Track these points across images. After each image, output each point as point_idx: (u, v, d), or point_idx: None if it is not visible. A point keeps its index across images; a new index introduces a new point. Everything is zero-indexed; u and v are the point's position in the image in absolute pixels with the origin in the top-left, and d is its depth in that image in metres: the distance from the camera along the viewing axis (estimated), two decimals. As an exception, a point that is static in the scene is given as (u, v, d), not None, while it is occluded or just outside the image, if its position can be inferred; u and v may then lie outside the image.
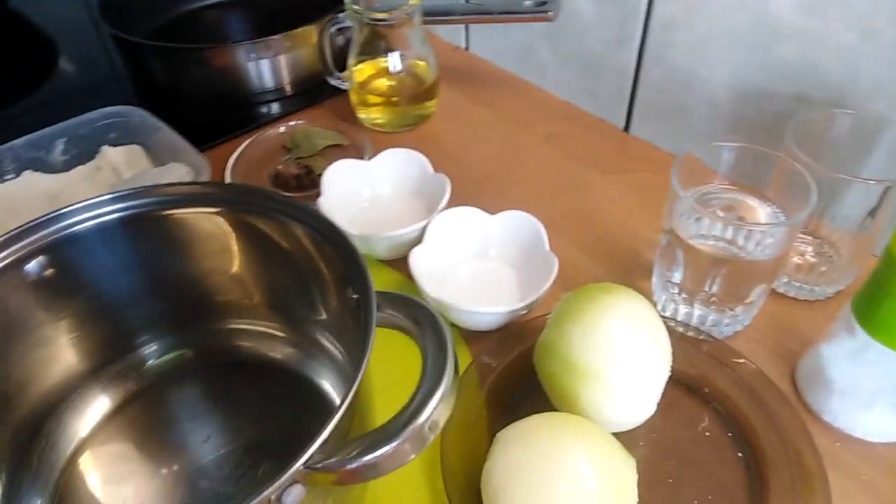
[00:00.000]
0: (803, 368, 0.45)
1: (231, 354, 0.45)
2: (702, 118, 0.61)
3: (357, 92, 0.68)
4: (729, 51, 0.56)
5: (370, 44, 0.65)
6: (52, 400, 0.40)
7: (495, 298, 0.50)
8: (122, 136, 0.62)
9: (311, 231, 0.37)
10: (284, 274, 0.40)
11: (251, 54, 0.70)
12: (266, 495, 0.25)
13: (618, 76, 0.66)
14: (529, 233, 0.52)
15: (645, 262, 0.54)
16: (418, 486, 0.40)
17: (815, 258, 0.49)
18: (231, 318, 0.44)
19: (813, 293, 0.50)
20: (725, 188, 0.47)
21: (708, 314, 0.47)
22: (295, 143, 0.66)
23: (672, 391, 0.42)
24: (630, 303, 0.40)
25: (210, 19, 0.86)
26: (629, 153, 0.66)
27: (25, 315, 0.38)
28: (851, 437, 0.42)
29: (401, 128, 0.69)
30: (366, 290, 0.32)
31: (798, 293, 0.50)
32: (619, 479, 0.36)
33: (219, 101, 0.74)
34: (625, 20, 0.62)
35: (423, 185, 0.58)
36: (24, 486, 0.38)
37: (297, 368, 0.44)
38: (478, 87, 0.75)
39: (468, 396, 0.44)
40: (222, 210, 0.39)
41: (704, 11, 0.56)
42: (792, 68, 0.53)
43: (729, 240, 0.43)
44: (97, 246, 0.39)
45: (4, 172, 0.59)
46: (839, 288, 0.50)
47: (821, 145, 0.46)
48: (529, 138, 0.68)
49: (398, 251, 0.53)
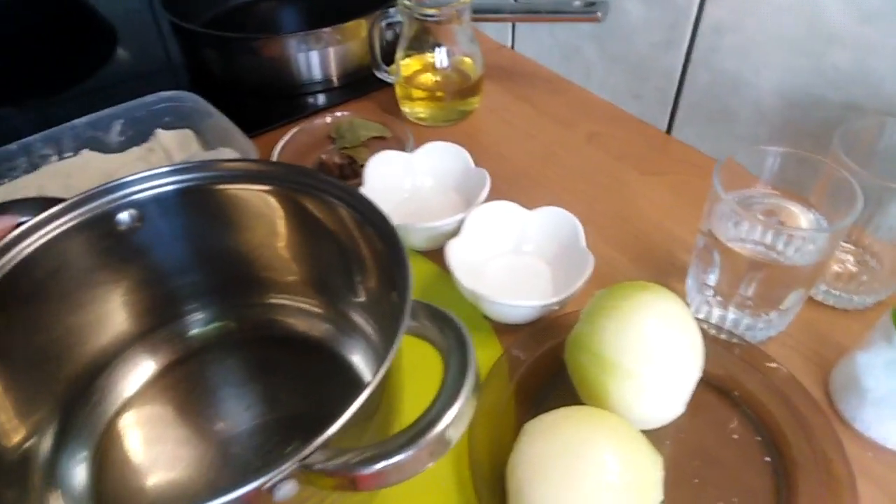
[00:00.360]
0: (838, 376, 0.44)
1: (272, 328, 0.47)
2: (746, 123, 0.60)
3: (403, 86, 0.69)
4: (779, 55, 0.55)
5: (418, 39, 0.66)
6: (103, 360, 0.43)
7: (529, 293, 0.51)
8: (175, 120, 0.65)
9: (357, 214, 0.38)
10: (327, 254, 0.42)
11: (302, 46, 0.72)
12: (256, 486, 0.25)
13: (663, 79, 0.65)
14: (566, 230, 0.52)
15: (681, 263, 0.54)
16: (445, 475, 0.41)
17: (856, 267, 0.48)
18: (273, 293, 0.46)
19: (851, 302, 0.49)
20: (767, 193, 0.46)
21: (742, 318, 0.47)
22: (340, 134, 0.67)
23: (702, 392, 0.42)
24: (665, 302, 0.40)
25: (264, 10, 0.89)
26: (670, 155, 0.66)
27: (88, 274, 0.40)
28: (884, 448, 0.42)
29: (444, 122, 0.70)
30: (404, 294, 0.32)
31: (836, 302, 0.50)
32: (644, 475, 0.36)
33: (268, 90, 0.76)
34: (674, 23, 0.62)
35: (463, 178, 0.59)
36: (71, 438, 0.40)
37: (335, 347, 0.45)
38: (521, 85, 0.76)
39: (497, 388, 0.44)
40: (273, 188, 0.41)
41: (755, 15, 0.55)
42: (844, 75, 0.52)
43: (768, 244, 0.43)
44: (154, 215, 0.41)
45: (64, 150, 0.62)
46: (879, 298, 0.49)
47: (869, 153, 0.45)
48: (570, 137, 0.68)
49: (435, 242, 0.54)
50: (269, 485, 0.26)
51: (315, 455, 0.27)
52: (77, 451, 0.40)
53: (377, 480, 0.27)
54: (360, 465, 0.27)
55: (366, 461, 0.27)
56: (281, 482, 0.26)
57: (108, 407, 0.42)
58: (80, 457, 0.40)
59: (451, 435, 0.28)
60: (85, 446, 0.41)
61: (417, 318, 0.33)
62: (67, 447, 0.40)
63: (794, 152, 0.45)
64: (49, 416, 0.40)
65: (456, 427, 0.28)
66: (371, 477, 0.27)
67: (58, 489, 0.39)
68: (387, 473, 0.27)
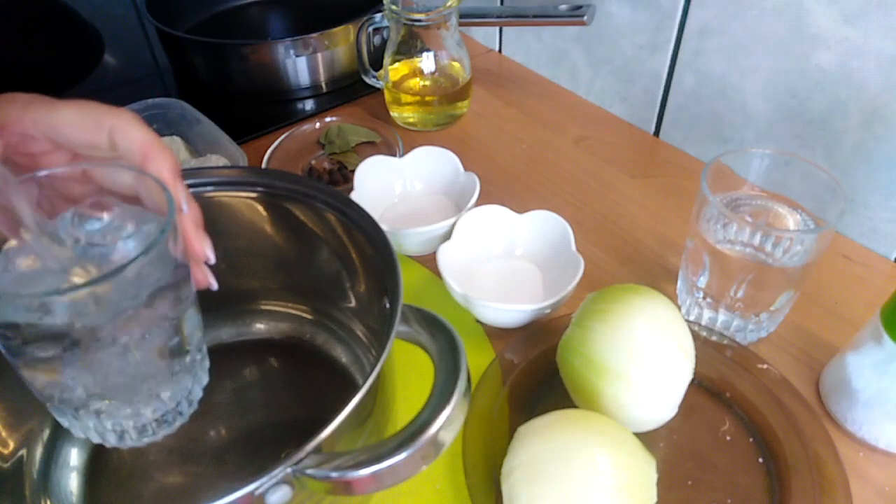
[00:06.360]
0: (828, 377, 0.45)
1: (263, 335, 0.46)
2: (733, 125, 0.61)
3: (391, 91, 0.69)
4: (764, 58, 0.56)
5: (406, 44, 0.66)
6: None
7: (521, 296, 0.51)
8: (163, 127, 0.64)
9: (347, 220, 0.38)
10: (318, 260, 0.41)
11: (290, 51, 0.72)
12: (248, 491, 0.25)
13: (650, 81, 0.66)
14: (556, 233, 0.52)
15: (671, 266, 0.54)
16: (439, 477, 0.41)
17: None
18: (265, 299, 0.46)
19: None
20: (754, 195, 0.47)
21: (732, 319, 0.47)
22: (329, 139, 0.67)
23: (694, 394, 0.42)
24: (655, 304, 0.40)
25: (251, 16, 0.89)
26: (658, 158, 0.66)
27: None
28: (875, 448, 0.42)
29: (433, 127, 0.70)
30: (395, 299, 0.32)
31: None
32: (638, 477, 0.36)
33: (257, 96, 0.76)
34: (660, 26, 0.62)
35: (453, 183, 0.59)
36: (63, 447, 0.40)
37: (327, 352, 0.45)
38: (509, 90, 0.76)
39: (490, 392, 0.44)
40: (262, 195, 0.40)
41: (740, 18, 0.56)
42: (829, 76, 0.52)
43: (756, 246, 0.43)
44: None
45: (50, 159, 0.61)
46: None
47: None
48: (559, 140, 0.68)
49: (427, 247, 0.54)
50: (261, 490, 0.26)
51: (308, 459, 0.27)
52: (69, 460, 0.40)
53: (371, 484, 0.27)
54: (353, 468, 0.27)
55: (359, 465, 0.27)
56: (274, 487, 0.26)
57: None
58: (73, 465, 0.40)
59: (443, 438, 0.28)
60: (77, 455, 0.40)
61: (409, 323, 0.33)
62: (60, 456, 0.40)
63: (780, 154, 0.45)
64: (41, 425, 0.39)
65: (448, 430, 0.28)
66: (364, 480, 0.27)
67: (51, 498, 0.38)
68: (380, 477, 0.27)
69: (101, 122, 0.30)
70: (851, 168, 0.53)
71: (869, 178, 0.53)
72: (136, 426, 0.30)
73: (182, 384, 0.31)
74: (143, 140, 0.30)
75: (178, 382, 0.31)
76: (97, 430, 0.30)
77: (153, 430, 0.31)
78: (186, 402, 0.32)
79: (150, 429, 0.31)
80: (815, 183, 0.44)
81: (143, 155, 0.30)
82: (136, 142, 0.30)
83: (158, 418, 0.31)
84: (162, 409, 0.30)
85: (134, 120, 0.31)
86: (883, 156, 0.51)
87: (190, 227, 0.31)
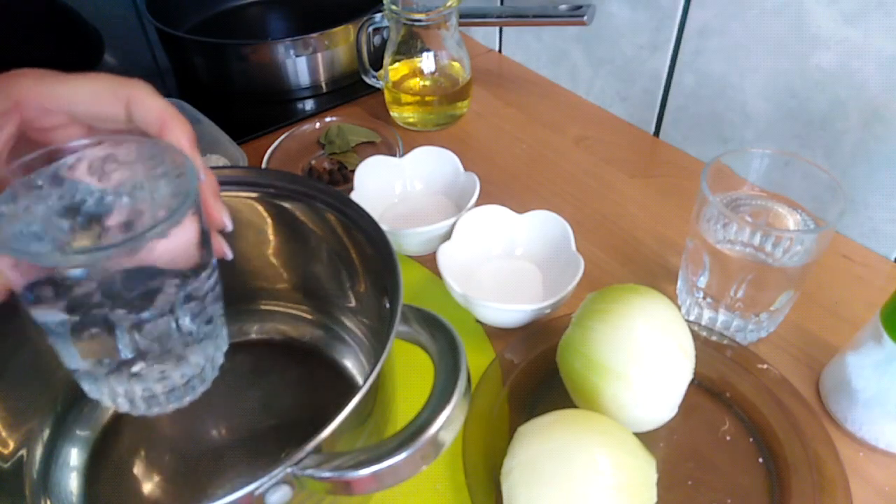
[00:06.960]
0: (828, 377, 0.45)
1: (263, 335, 0.46)
2: (733, 125, 0.61)
3: (391, 90, 0.69)
4: (764, 58, 0.56)
5: (406, 44, 0.66)
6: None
7: (521, 296, 0.51)
8: (163, 127, 0.64)
9: (347, 220, 0.38)
10: (318, 260, 0.41)
11: (290, 51, 0.72)
12: (248, 491, 0.25)
13: (650, 81, 0.66)
14: (556, 233, 0.52)
15: (671, 266, 0.54)
16: (439, 478, 0.41)
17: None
18: (265, 299, 0.46)
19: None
20: (755, 195, 0.47)
21: (732, 319, 0.47)
22: (329, 139, 0.67)
23: (694, 394, 0.42)
24: (655, 304, 0.40)
25: (252, 16, 0.89)
26: (658, 158, 0.66)
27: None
28: (876, 448, 0.42)
29: (433, 127, 0.70)
30: (395, 299, 0.32)
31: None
32: (638, 477, 0.36)
33: (257, 96, 0.76)
34: (660, 26, 0.62)
35: (453, 183, 0.59)
36: (63, 447, 0.40)
37: (327, 352, 0.45)
38: (509, 90, 0.76)
39: (490, 392, 0.44)
40: (262, 195, 0.40)
41: (740, 18, 0.56)
42: (829, 76, 0.52)
43: (756, 246, 0.43)
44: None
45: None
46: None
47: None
48: (559, 140, 0.68)
49: (427, 247, 0.54)
50: (261, 490, 0.26)
51: (308, 459, 0.27)
52: (69, 460, 0.40)
53: (371, 484, 0.27)
54: (353, 468, 0.27)
55: (359, 465, 0.27)
56: (274, 487, 0.26)
57: (99, 415, 0.42)
58: (73, 465, 0.40)
59: (443, 438, 0.28)
60: (77, 455, 0.40)
61: (409, 323, 0.33)
62: (60, 456, 0.40)
63: (780, 154, 0.45)
64: (41, 425, 0.39)
65: (448, 430, 0.28)
66: (364, 480, 0.27)
67: (51, 498, 0.38)
68: (380, 477, 0.27)
69: (117, 92, 0.30)
70: (851, 168, 0.53)
71: (869, 178, 0.53)
72: (164, 391, 0.30)
73: (207, 350, 0.31)
74: (161, 109, 0.30)
75: (204, 348, 0.31)
76: (127, 396, 0.30)
77: (180, 395, 0.31)
78: (210, 367, 0.32)
79: (178, 393, 0.31)
80: (815, 183, 0.44)
81: (162, 124, 0.30)
82: (154, 111, 0.30)
83: (185, 383, 0.31)
84: (189, 374, 0.31)
85: (150, 90, 0.31)
86: (883, 156, 0.51)
87: (209, 194, 0.31)
